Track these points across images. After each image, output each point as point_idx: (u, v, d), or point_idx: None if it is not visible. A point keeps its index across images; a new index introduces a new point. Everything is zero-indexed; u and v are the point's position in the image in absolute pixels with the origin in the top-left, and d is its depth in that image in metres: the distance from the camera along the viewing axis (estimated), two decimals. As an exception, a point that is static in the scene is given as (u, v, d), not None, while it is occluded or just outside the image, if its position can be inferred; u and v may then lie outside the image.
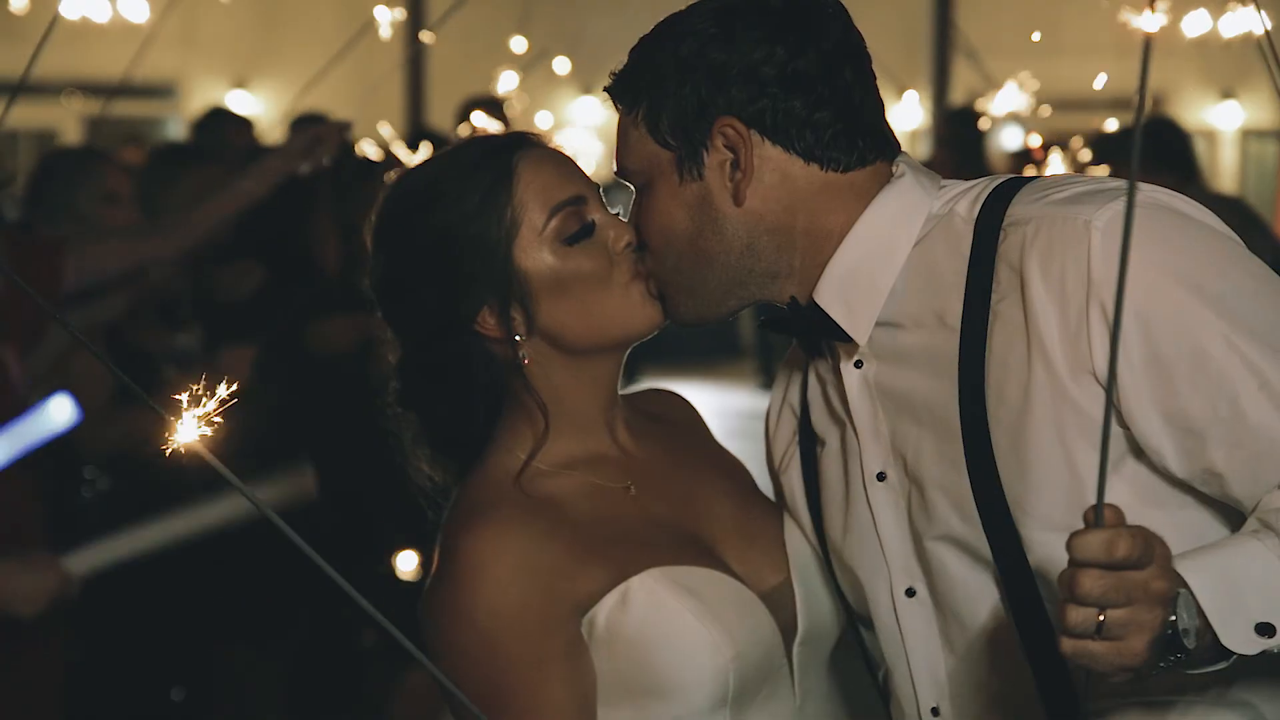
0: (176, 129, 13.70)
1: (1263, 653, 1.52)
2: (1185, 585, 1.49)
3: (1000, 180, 1.85)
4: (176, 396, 1.30)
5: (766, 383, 12.52)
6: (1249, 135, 13.81)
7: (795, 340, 2.03)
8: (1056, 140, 5.45)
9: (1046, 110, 5.67)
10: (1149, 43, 1.32)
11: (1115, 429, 1.69)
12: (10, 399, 3.40)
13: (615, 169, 1.95)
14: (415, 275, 1.95)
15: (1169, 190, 1.77)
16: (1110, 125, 5.43)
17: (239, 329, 4.44)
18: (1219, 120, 13.69)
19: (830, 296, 1.84)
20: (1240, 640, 1.51)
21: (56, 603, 3.13)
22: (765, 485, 2.14)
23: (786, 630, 1.95)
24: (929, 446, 1.81)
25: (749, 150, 1.81)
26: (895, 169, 1.87)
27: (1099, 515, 1.42)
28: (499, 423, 1.99)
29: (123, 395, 4.00)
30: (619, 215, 1.99)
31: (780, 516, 2.06)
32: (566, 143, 2.05)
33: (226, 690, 4.48)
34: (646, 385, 2.18)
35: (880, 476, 1.88)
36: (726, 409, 8.33)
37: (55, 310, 1.24)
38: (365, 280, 2.01)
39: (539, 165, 1.95)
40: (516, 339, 1.93)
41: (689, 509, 2.01)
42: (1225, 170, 13.59)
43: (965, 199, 1.82)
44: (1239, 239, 1.76)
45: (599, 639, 1.86)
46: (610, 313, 1.94)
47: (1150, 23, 1.34)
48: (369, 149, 4.94)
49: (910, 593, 1.88)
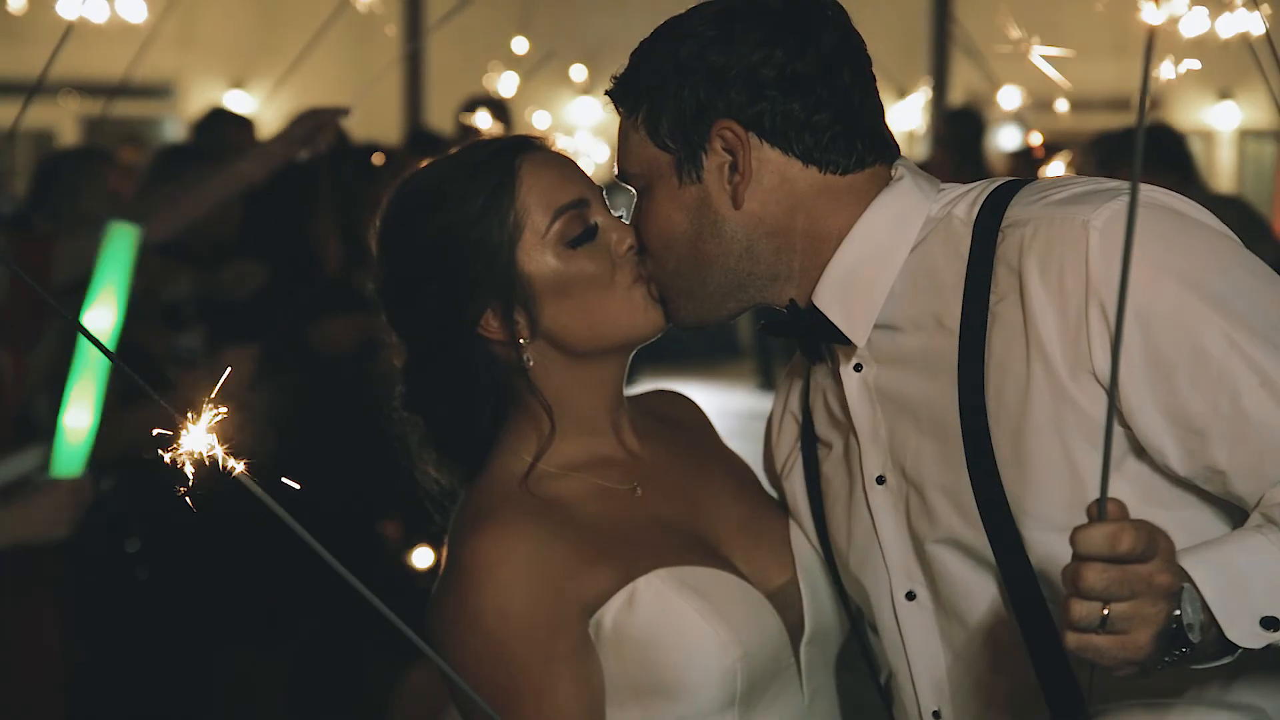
0: (175, 129, 13.69)
1: (1267, 647, 1.52)
2: (1189, 580, 1.49)
3: (998, 182, 1.85)
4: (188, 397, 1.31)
5: (765, 383, 12.52)
6: (1246, 135, 13.79)
7: (797, 345, 2.03)
8: (1056, 141, 5.44)
9: (1063, 106, 5.63)
10: (1152, 36, 1.32)
11: (1118, 429, 1.69)
12: (4, 404, 3.40)
13: (616, 172, 1.95)
14: (419, 279, 1.95)
15: (1167, 190, 1.77)
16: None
17: (242, 329, 4.44)
18: (1216, 121, 13.68)
19: (829, 299, 1.84)
20: (1245, 634, 1.50)
21: (80, 513, 3.09)
22: (767, 482, 2.14)
23: (793, 629, 1.95)
24: (929, 449, 1.81)
25: (747, 153, 1.81)
26: (894, 172, 1.87)
27: (1102, 509, 1.42)
28: (505, 426, 1.99)
29: (126, 397, 3.99)
30: (621, 218, 1.99)
31: (786, 516, 2.06)
32: (571, 145, 2.06)
33: (228, 691, 4.49)
34: (646, 386, 2.19)
35: (880, 480, 1.88)
36: (725, 409, 8.31)
37: (62, 309, 1.24)
38: (370, 283, 2.02)
39: (542, 168, 1.95)
40: (520, 342, 1.93)
41: (695, 510, 2.01)
42: (1223, 171, 13.58)
43: (964, 201, 1.82)
44: (1237, 238, 1.76)
45: (606, 640, 1.86)
46: (613, 316, 1.94)
47: (1154, 16, 1.33)
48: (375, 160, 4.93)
49: (910, 596, 1.88)
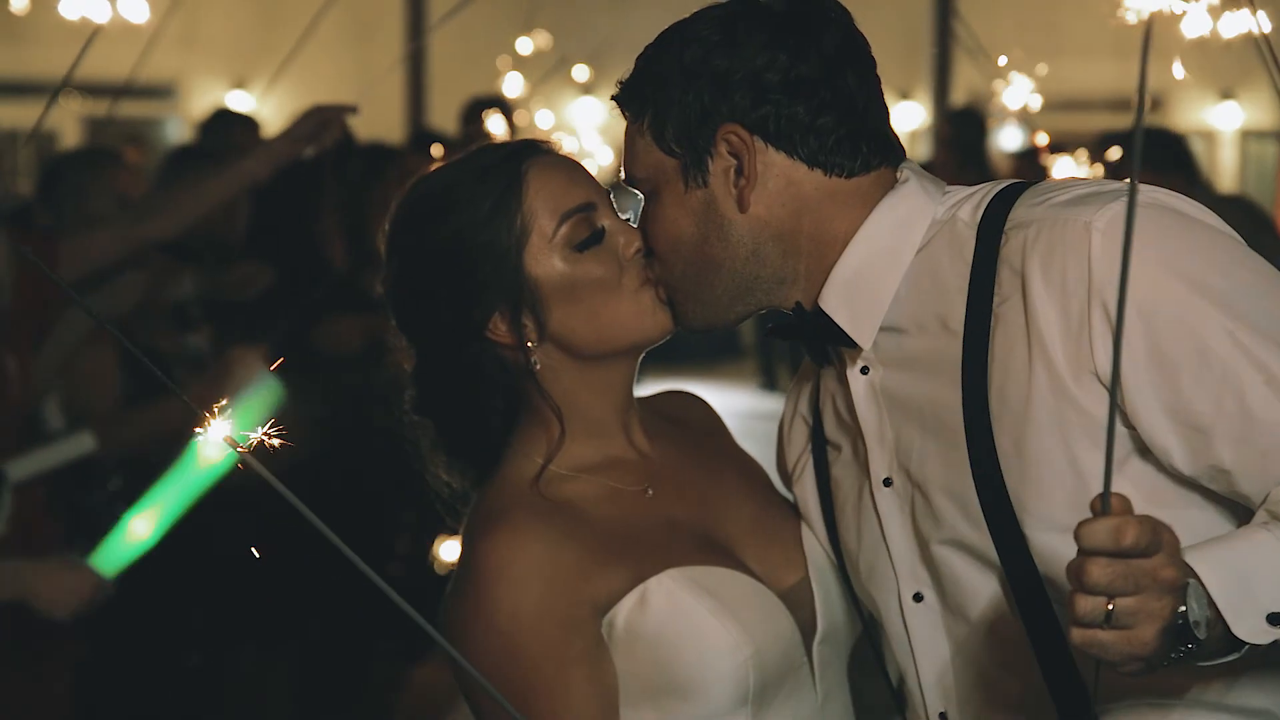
0: (176, 129, 13.71)
1: (1274, 643, 1.52)
2: (1195, 576, 1.48)
3: (1003, 185, 1.85)
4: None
5: (767, 383, 12.52)
6: (1248, 136, 13.80)
7: (804, 349, 2.03)
8: (1057, 140, 5.45)
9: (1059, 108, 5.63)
10: (1150, 29, 1.32)
11: (1121, 429, 1.69)
12: (10, 406, 3.40)
13: (624, 177, 1.96)
14: (427, 282, 1.96)
15: (1170, 191, 1.78)
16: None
17: (249, 329, 4.44)
18: (1218, 121, 13.68)
19: (835, 302, 1.85)
20: (1252, 630, 1.50)
21: (89, 606, 3.09)
22: (780, 485, 2.15)
23: (806, 629, 1.96)
24: (933, 450, 1.82)
25: (752, 156, 1.82)
26: (899, 175, 1.88)
27: (1106, 504, 1.42)
28: (515, 429, 2.00)
29: (131, 397, 4.00)
30: (629, 220, 1.99)
31: (798, 516, 2.07)
32: (577, 147, 2.06)
33: (233, 690, 4.49)
34: (648, 386, 2.19)
35: (886, 482, 1.89)
36: (727, 409, 8.26)
37: (83, 301, 1.24)
38: (379, 286, 2.03)
39: (549, 172, 1.95)
40: (528, 345, 1.94)
41: (707, 510, 2.02)
42: (1225, 171, 13.58)
43: (968, 204, 1.83)
44: (1240, 238, 1.76)
45: (618, 640, 1.87)
46: (621, 319, 1.94)
47: (1148, 3, 1.33)
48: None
49: (918, 598, 1.89)
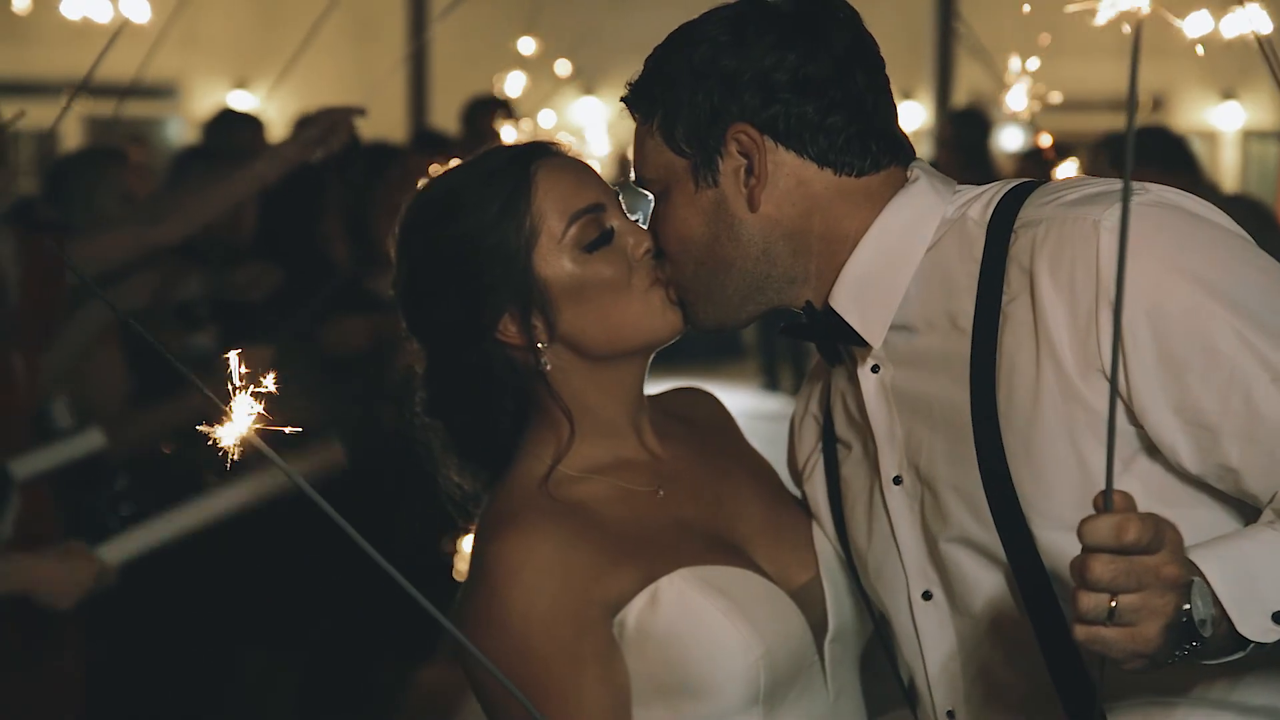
0: (178, 129, 13.72)
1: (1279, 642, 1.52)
2: (1200, 574, 1.48)
3: (1013, 184, 1.86)
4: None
5: (769, 383, 12.52)
6: (1250, 136, 13.80)
7: (815, 348, 2.03)
8: (1060, 141, 5.44)
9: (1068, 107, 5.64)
10: (1139, 29, 1.32)
11: (1128, 428, 1.70)
12: (17, 406, 3.41)
13: (634, 178, 1.96)
14: (437, 284, 1.97)
15: (1178, 190, 1.78)
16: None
17: (256, 329, 4.44)
18: (1220, 121, 13.69)
19: (845, 300, 1.85)
20: (1257, 629, 1.50)
21: (92, 594, 3.08)
22: (790, 484, 2.15)
23: (817, 627, 1.96)
24: (942, 448, 1.82)
25: (763, 156, 1.82)
26: (910, 174, 1.88)
27: (1108, 500, 1.42)
28: (526, 430, 2.00)
29: (138, 396, 4.01)
30: (638, 221, 2.00)
31: (809, 514, 2.07)
32: (584, 148, 2.07)
33: (240, 692, 4.49)
34: (651, 386, 2.20)
35: (896, 481, 1.89)
36: (729, 409, 8.27)
37: (105, 296, 1.25)
38: (390, 289, 2.03)
39: (557, 173, 1.96)
40: (539, 346, 1.94)
41: (718, 509, 2.02)
42: (1226, 171, 13.58)
43: (978, 203, 1.83)
44: (1249, 236, 1.76)
45: (630, 640, 1.87)
46: (630, 319, 1.94)
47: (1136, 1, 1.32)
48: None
49: (927, 596, 1.89)
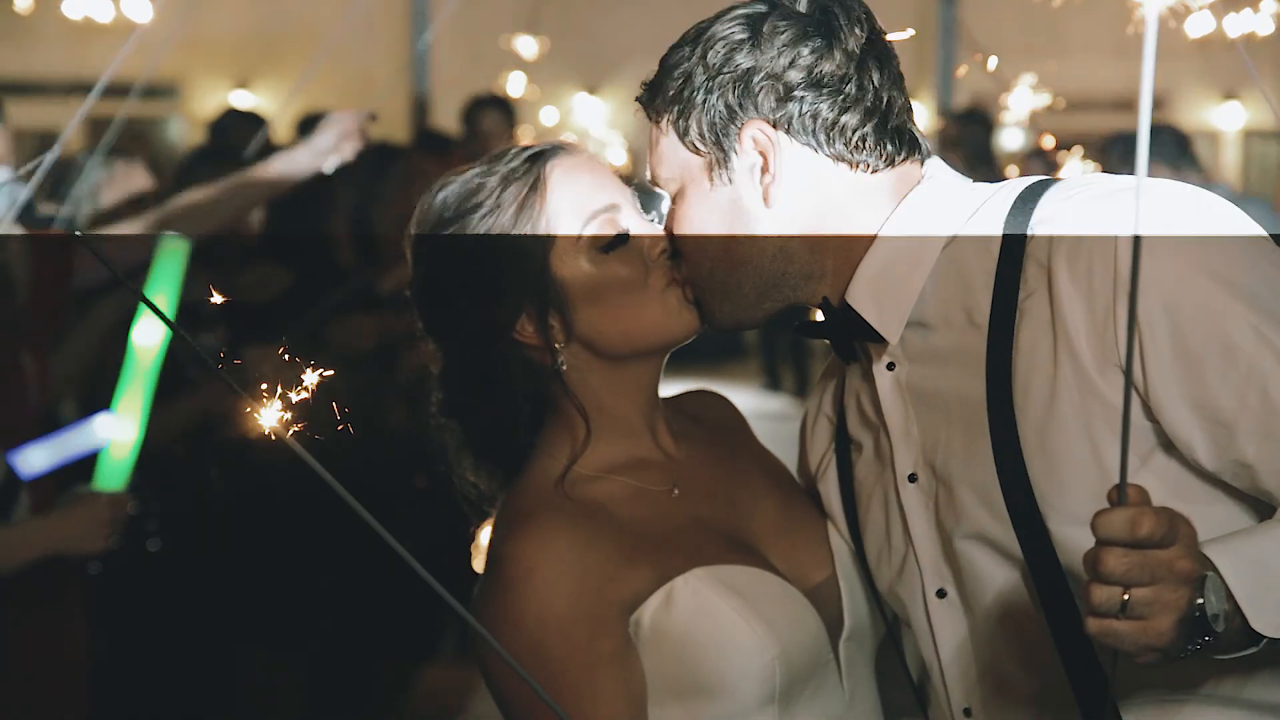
0: (179, 129, 13.71)
1: None
2: (1213, 568, 1.49)
3: (1029, 181, 1.86)
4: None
5: (770, 383, 12.50)
6: (1251, 136, 13.81)
7: (831, 346, 2.03)
8: (1061, 141, 5.45)
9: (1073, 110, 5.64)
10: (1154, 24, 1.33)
11: (1145, 423, 1.70)
12: (26, 406, 3.40)
13: (649, 177, 1.96)
14: (453, 285, 1.97)
15: (1196, 187, 1.78)
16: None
17: (262, 330, 4.44)
18: (1221, 121, 13.68)
19: (862, 297, 1.85)
20: (1271, 624, 1.50)
21: (119, 527, 3.14)
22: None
23: (832, 626, 1.96)
24: (958, 444, 1.82)
25: (777, 153, 1.82)
26: (925, 170, 1.88)
27: (1122, 494, 1.42)
28: (542, 430, 2.00)
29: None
30: (653, 221, 1.99)
31: (823, 513, 2.07)
32: (601, 149, 2.07)
33: (246, 690, 4.49)
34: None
35: (911, 478, 1.89)
36: (732, 409, 8.23)
37: (133, 286, 1.25)
38: (404, 288, 2.03)
39: (572, 174, 1.96)
40: (555, 346, 1.94)
41: (732, 509, 2.02)
42: (1228, 171, 13.58)
43: (995, 199, 1.83)
44: (1265, 233, 1.76)
45: (645, 639, 1.87)
46: (647, 319, 1.94)
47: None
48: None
49: (941, 593, 1.89)
